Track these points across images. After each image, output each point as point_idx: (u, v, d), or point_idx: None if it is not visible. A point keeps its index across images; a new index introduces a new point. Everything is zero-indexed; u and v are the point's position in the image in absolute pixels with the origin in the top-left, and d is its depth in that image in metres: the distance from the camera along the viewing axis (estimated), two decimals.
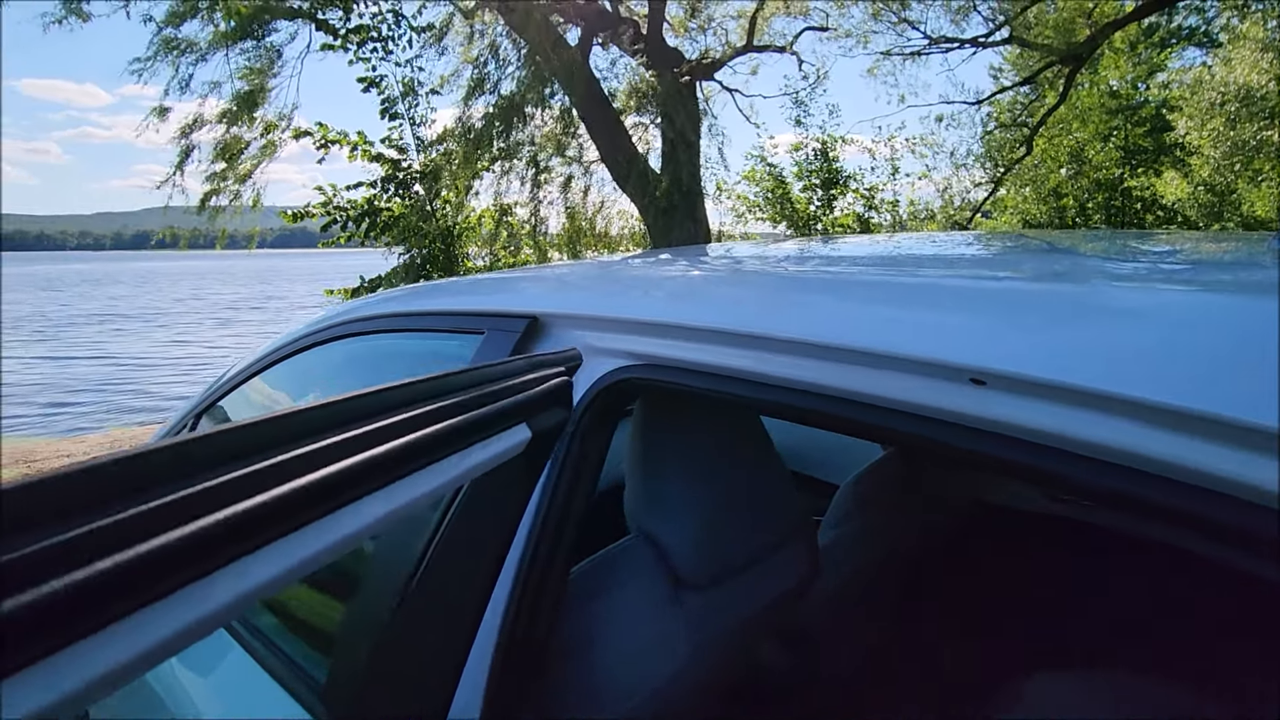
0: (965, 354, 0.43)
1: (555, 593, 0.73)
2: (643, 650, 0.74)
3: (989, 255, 0.85)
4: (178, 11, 5.99)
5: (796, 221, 7.96)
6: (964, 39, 8.09)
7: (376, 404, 0.44)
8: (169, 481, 0.31)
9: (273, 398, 1.35)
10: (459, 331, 0.92)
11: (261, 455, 0.35)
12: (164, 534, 0.29)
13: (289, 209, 8.10)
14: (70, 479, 0.28)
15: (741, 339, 0.58)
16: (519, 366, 0.60)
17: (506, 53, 6.89)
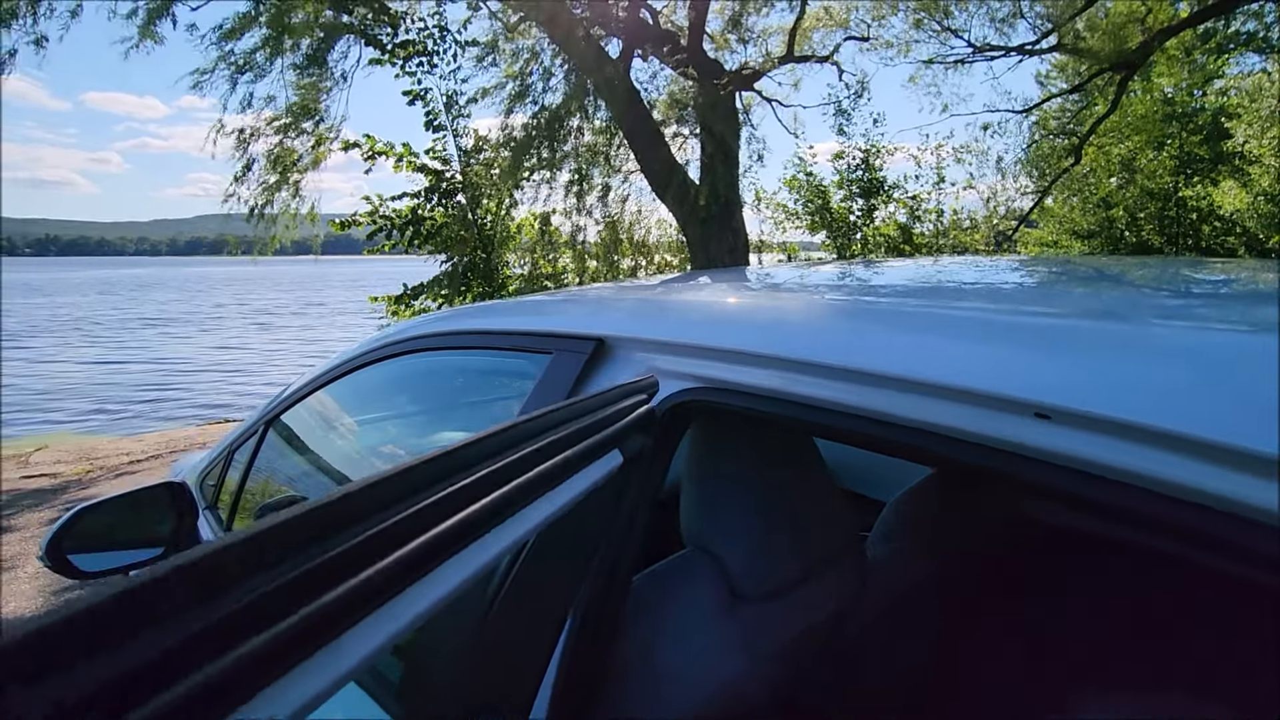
0: (1030, 389, 0.45)
1: (620, 602, 0.76)
2: (700, 660, 0.76)
3: (1039, 287, 0.86)
4: (236, 28, 6.24)
5: (836, 231, 7.88)
6: (1010, 46, 7.95)
7: (506, 440, 0.48)
8: (346, 528, 0.34)
9: (344, 407, 1.41)
10: (527, 350, 0.95)
11: (415, 498, 0.39)
12: (351, 577, 0.33)
13: (336, 217, 8.35)
14: (266, 535, 0.31)
15: (807, 367, 0.61)
16: (613, 395, 0.64)
17: (550, 66, 7.01)
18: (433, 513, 0.39)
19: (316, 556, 0.32)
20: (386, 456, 1.33)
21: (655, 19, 7.31)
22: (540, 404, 0.86)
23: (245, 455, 1.53)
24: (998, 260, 1.22)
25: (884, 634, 0.99)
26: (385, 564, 0.35)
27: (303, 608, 0.31)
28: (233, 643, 0.28)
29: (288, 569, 0.31)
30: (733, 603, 0.80)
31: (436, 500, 0.39)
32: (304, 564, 0.32)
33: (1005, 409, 0.46)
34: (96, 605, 0.25)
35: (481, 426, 1.25)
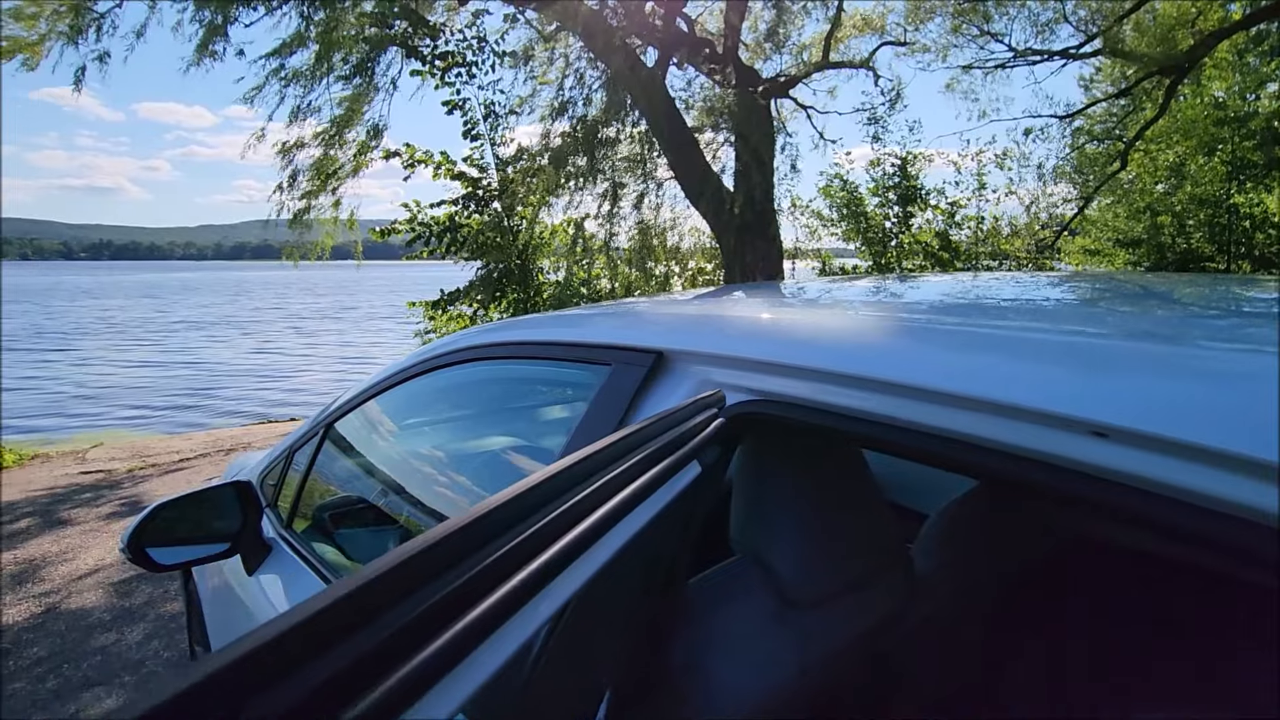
0: (1087, 408, 0.46)
1: (678, 607, 0.79)
2: (752, 665, 0.78)
3: (1090, 305, 0.86)
4: (289, 44, 6.45)
5: (871, 238, 7.80)
6: (1053, 50, 7.79)
7: (608, 455, 0.50)
8: (477, 550, 0.37)
9: (403, 413, 1.46)
10: (586, 362, 0.98)
11: (535, 518, 0.42)
12: (484, 598, 0.36)
13: (376, 225, 8.56)
14: (401, 568, 0.33)
15: (866, 383, 0.62)
16: (692, 409, 0.66)
17: (586, 74, 7.09)
18: (551, 530, 0.42)
19: (452, 581, 0.35)
20: (445, 463, 1.37)
21: (691, 27, 7.34)
22: (601, 415, 0.88)
23: (305, 457, 1.59)
24: (1046, 277, 1.22)
25: (928, 645, 0.99)
26: (513, 584, 0.38)
27: (442, 632, 0.34)
28: (388, 667, 0.31)
29: (425, 595, 0.34)
30: (783, 610, 0.82)
31: (555, 518, 0.42)
32: (440, 590, 0.34)
33: (1063, 427, 0.48)
34: (277, 635, 0.27)
35: (541, 437, 1.28)
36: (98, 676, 2.55)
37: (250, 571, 1.46)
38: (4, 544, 3.98)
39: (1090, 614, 1.12)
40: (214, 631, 1.76)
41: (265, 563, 1.46)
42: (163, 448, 6.89)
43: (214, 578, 1.73)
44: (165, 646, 2.76)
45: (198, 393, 12.75)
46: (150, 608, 3.10)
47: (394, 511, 1.37)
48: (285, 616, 0.28)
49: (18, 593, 3.29)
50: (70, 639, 2.83)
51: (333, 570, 1.29)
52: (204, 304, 39.99)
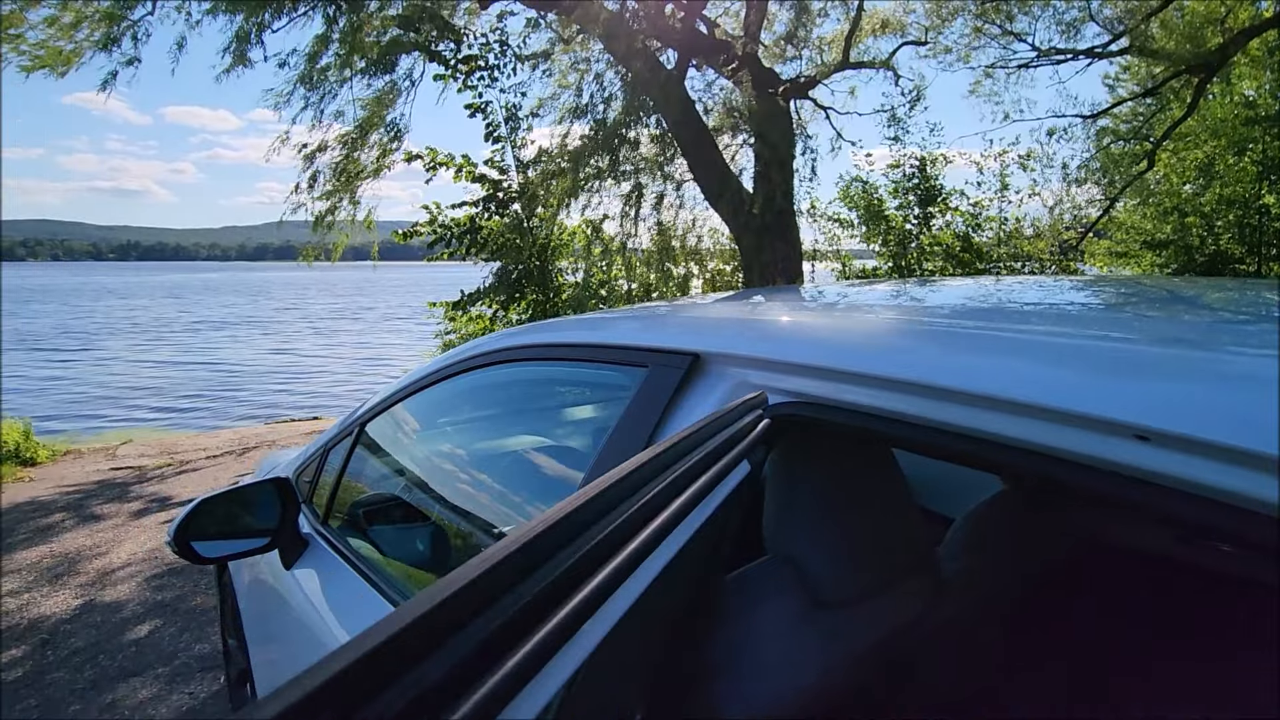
0: (1131, 412, 0.48)
1: (714, 602, 0.80)
2: (781, 663, 0.80)
3: (1121, 310, 0.87)
4: (315, 52, 6.55)
5: (891, 240, 7.75)
6: (1077, 50, 7.70)
7: (662, 461, 0.52)
8: (551, 557, 0.39)
9: (438, 413, 1.49)
10: (624, 364, 1.00)
11: (606, 521, 0.44)
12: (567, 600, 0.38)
13: (396, 227, 8.67)
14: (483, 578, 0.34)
15: (906, 385, 0.63)
16: (739, 410, 0.68)
17: (606, 77, 7.13)
18: (622, 532, 0.44)
19: (535, 586, 0.37)
20: (480, 463, 1.40)
21: (711, 29, 7.35)
22: (638, 416, 0.90)
23: (340, 455, 1.63)
24: (1079, 281, 1.22)
25: (951, 646, 1.00)
26: (591, 585, 0.39)
27: (529, 637, 0.35)
28: (483, 671, 0.32)
29: (512, 601, 0.35)
30: (813, 609, 0.83)
31: (625, 520, 0.44)
32: (525, 596, 0.36)
33: (1107, 431, 0.49)
34: (382, 641, 0.28)
35: (578, 437, 1.30)
36: (133, 667, 2.62)
37: (288, 566, 1.50)
38: (40, 538, 4.08)
39: (1112, 616, 1.12)
40: (249, 624, 1.80)
41: (302, 557, 1.50)
42: (190, 445, 7.03)
43: (250, 572, 1.77)
44: (196, 639, 2.82)
45: (220, 392, 13.00)
46: (181, 601, 3.17)
47: (429, 509, 1.40)
48: (384, 625, 0.29)
49: (56, 585, 3.38)
50: (106, 631, 2.91)
51: (368, 565, 1.32)
52: (226, 304, 40.73)
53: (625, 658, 0.78)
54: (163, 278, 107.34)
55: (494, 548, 0.37)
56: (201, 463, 6.12)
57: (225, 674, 2.34)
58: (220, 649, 2.72)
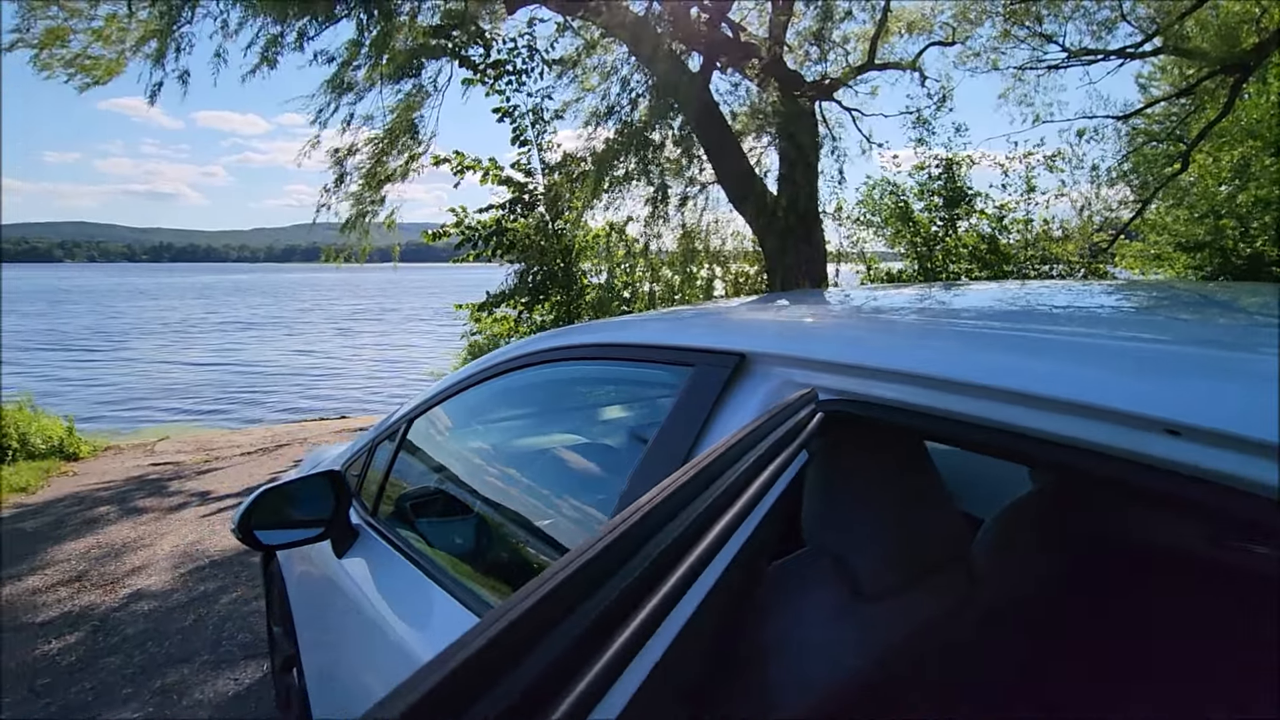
0: (1162, 409, 0.51)
1: (758, 590, 0.84)
2: (824, 649, 0.83)
3: (1150, 312, 0.89)
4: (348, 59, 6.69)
5: (917, 243, 7.70)
6: (1109, 50, 7.59)
7: (729, 458, 0.56)
8: (631, 557, 0.42)
9: (485, 411, 1.54)
10: (670, 363, 1.04)
11: (684, 514, 0.47)
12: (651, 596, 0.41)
13: (421, 229, 8.81)
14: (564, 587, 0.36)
15: (949, 384, 0.67)
16: (795, 404, 0.72)
17: (631, 80, 7.18)
18: (699, 526, 0.47)
19: (619, 585, 0.39)
20: (526, 458, 1.45)
21: (736, 32, 7.38)
22: (686, 414, 0.94)
23: (387, 450, 1.70)
24: (1108, 285, 1.25)
25: (983, 642, 1.03)
26: (673, 580, 0.43)
27: (617, 635, 0.37)
28: (577, 670, 0.34)
29: (599, 600, 0.38)
30: (852, 600, 0.87)
31: (701, 514, 0.48)
32: (610, 595, 0.38)
33: (1139, 425, 0.52)
34: (499, 632, 0.31)
35: (625, 434, 1.34)
36: (180, 654, 2.72)
37: (339, 555, 1.56)
38: (88, 529, 4.24)
39: (1139, 616, 1.13)
40: (298, 611, 1.87)
41: (353, 547, 1.56)
42: (224, 442, 7.21)
43: (300, 561, 1.84)
44: (238, 629, 2.92)
45: (249, 392, 13.33)
46: (223, 593, 3.28)
47: (477, 503, 1.46)
48: (486, 625, 0.31)
49: (104, 575, 3.51)
50: (153, 619, 3.02)
51: (419, 555, 1.38)
52: (254, 305, 41.64)
53: (696, 646, 0.83)
54: (193, 279, 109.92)
55: (580, 547, 0.39)
56: (236, 459, 6.29)
57: (270, 661, 2.42)
58: (262, 638, 2.82)
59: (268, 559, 2.27)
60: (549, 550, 1.23)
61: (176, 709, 2.37)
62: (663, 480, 0.88)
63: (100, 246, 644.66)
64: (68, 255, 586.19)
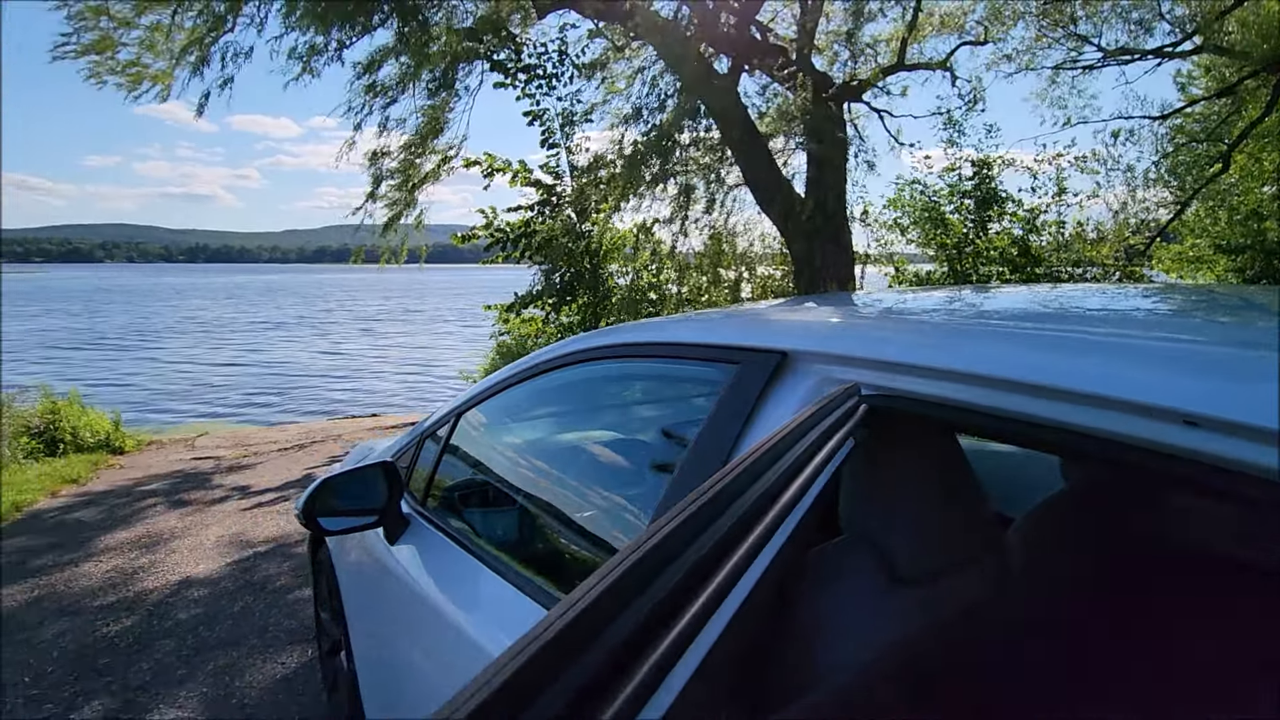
0: (1181, 401, 0.56)
1: (798, 574, 0.89)
2: (864, 631, 0.88)
3: (1177, 314, 0.93)
4: (377, 60, 6.85)
5: (946, 245, 7.63)
6: (1146, 50, 7.46)
7: (780, 448, 0.61)
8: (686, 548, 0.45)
9: (533, 406, 1.61)
10: (715, 361, 1.09)
11: (744, 499, 0.52)
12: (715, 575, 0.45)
13: (449, 230, 8.96)
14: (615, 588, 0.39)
15: (983, 380, 0.71)
16: (841, 396, 0.77)
17: (659, 83, 7.24)
18: (753, 514, 0.52)
19: (674, 577, 0.42)
20: (572, 452, 1.51)
21: (764, 34, 7.40)
22: (730, 409, 1.00)
23: (436, 444, 1.77)
24: (1137, 288, 1.27)
25: (1011, 639, 1.06)
26: (728, 568, 0.47)
27: (672, 625, 0.40)
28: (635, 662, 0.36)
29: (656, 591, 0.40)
30: (889, 585, 0.91)
31: (754, 502, 0.53)
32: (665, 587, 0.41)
33: (1159, 417, 0.57)
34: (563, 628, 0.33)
35: (673, 429, 1.39)
36: (229, 638, 2.84)
37: (391, 541, 1.64)
38: (137, 520, 4.41)
39: (1165, 616, 1.15)
40: (348, 596, 1.96)
41: (404, 534, 1.64)
42: (260, 438, 7.42)
43: (352, 550, 1.92)
44: (284, 616, 3.03)
45: (281, 390, 13.69)
46: (269, 582, 3.40)
47: (525, 495, 1.52)
48: (551, 620, 0.34)
49: (155, 563, 3.67)
50: (203, 605, 3.15)
51: (469, 542, 1.45)
52: (283, 305, 42.68)
53: (743, 632, 0.88)
54: (226, 279, 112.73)
55: (634, 542, 0.42)
56: (272, 454, 6.47)
57: (317, 645, 2.52)
58: (306, 625, 2.92)
59: (315, 548, 2.37)
60: (593, 541, 1.29)
61: (229, 689, 2.48)
62: (708, 473, 0.94)
63: (139, 247, 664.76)
64: (108, 256, 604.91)
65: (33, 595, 3.28)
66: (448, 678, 1.32)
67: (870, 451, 0.96)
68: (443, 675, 1.35)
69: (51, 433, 6.34)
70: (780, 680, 0.86)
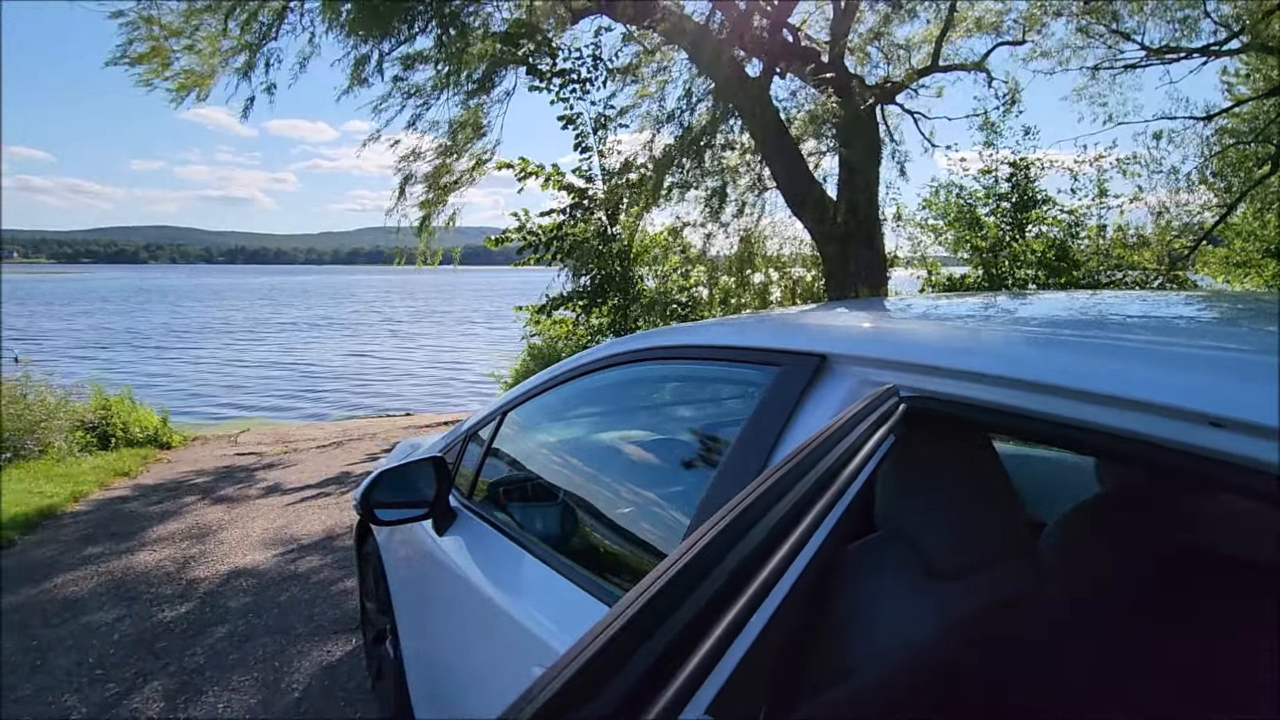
0: (1207, 403, 0.58)
1: (837, 567, 0.93)
2: (898, 622, 0.91)
3: (1210, 321, 0.95)
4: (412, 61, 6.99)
5: (981, 248, 7.52)
6: (1191, 48, 7.27)
7: (825, 446, 0.65)
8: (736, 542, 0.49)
9: (577, 405, 1.67)
10: (756, 363, 1.13)
11: (794, 492, 0.56)
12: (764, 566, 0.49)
13: (481, 233, 9.11)
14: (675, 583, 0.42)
15: (1017, 383, 0.74)
16: (883, 395, 0.81)
17: (691, 87, 7.28)
18: (795, 512, 0.56)
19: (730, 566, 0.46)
20: (615, 450, 1.56)
21: (796, 37, 7.39)
22: (771, 410, 1.03)
23: (482, 440, 1.84)
24: (1174, 296, 1.29)
25: (1041, 639, 1.08)
26: (772, 565, 0.50)
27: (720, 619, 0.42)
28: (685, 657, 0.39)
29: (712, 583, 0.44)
30: (924, 580, 0.95)
31: (800, 498, 0.57)
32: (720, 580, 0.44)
33: (1186, 419, 0.60)
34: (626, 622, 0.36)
35: (715, 428, 1.44)
36: (277, 626, 2.95)
37: (440, 533, 1.71)
38: (187, 512, 4.59)
39: (1197, 619, 1.15)
40: (395, 585, 2.04)
41: (452, 526, 1.71)
42: (300, 435, 7.63)
43: (400, 543, 2.00)
44: (329, 607, 3.14)
45: (315, 389, 14.10)
46: (313, 573, 3.52)
47: (567, 490, 1.58)
48: (614, 617, 0.37)
49: (206, 555, 3.82)
50: (252, 594, 3.28)
51: (515, 534, 1.51)
52: (316, 306, 43.79)
53: (784, 626, 0.91)
54: (262, 280, 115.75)
55: (683, 547, 0.45)
56: (312, 451, 6.65)
57: (362, 635, 2.61)
58: (349, 614, 3.02)
59: (361, 540, 2.46)
60: (634, 535, 1.33)
61: (279, 674, 2.58)
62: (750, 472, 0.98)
63: (180, 249, 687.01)
64: (152, 257, 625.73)
65: (93, 581, 3.45)
66: (494, 659, 1.38)
67: (907, 452, 0.99)
68: (488, 657, 1.41)
69: (104, 427, 6.61)
70: (814, 671, 0.90)
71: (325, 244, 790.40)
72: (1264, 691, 1.03)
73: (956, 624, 0.95)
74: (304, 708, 2.40)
